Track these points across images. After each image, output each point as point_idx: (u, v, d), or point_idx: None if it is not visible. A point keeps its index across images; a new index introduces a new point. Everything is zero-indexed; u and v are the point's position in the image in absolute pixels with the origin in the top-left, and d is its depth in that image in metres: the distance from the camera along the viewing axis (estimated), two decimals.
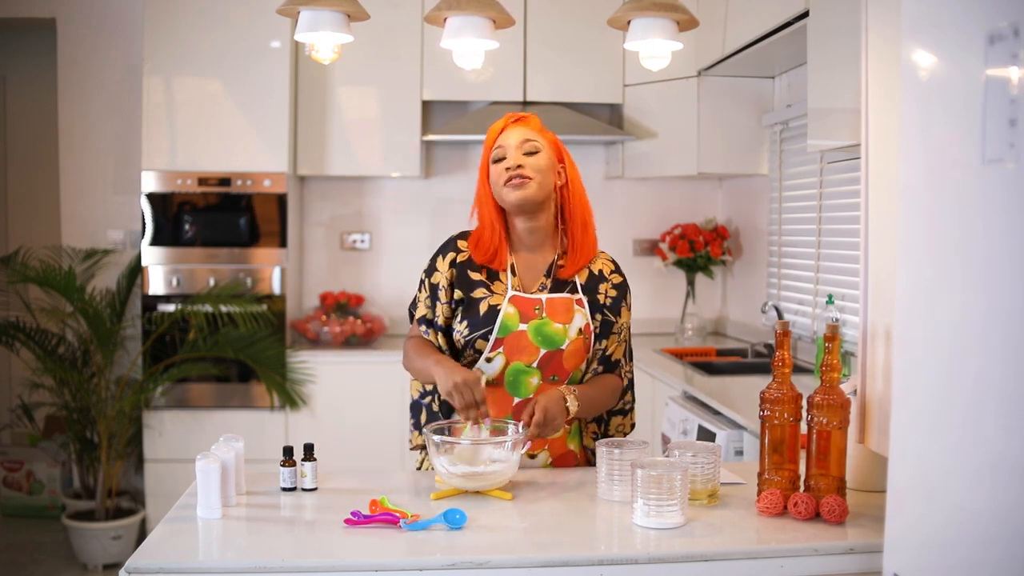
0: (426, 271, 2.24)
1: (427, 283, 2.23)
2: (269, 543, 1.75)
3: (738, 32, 3.77)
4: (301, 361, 4.41)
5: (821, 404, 1.83)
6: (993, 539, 1.24)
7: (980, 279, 1.26)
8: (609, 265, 2.28)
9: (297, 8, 2.19)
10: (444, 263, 2.21)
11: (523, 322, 2.15)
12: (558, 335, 2.15)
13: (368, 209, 5.00)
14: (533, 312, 2.16)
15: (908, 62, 1.41)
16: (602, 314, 2.21)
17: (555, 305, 2.18)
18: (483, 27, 2.22)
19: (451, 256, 2.21)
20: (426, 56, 4.56)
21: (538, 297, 2.18)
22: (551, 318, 2.16)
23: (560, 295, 2.19)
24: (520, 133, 2.18)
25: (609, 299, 2.22)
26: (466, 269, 2.20)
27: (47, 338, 4.37)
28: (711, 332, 5.07)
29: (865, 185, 1.80)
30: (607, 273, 2.26)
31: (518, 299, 2.17)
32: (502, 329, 2.14)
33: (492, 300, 2.16)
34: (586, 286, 2.21)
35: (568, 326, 2.16)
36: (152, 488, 4.39)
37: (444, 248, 2.24)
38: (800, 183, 4.13)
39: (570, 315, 2.17)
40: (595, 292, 2.22)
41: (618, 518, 1.87)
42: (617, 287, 2.25)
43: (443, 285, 2.19)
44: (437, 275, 2.21)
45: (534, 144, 2.17)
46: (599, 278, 2.24)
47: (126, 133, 4.76)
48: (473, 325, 2.16)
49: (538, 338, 2.15)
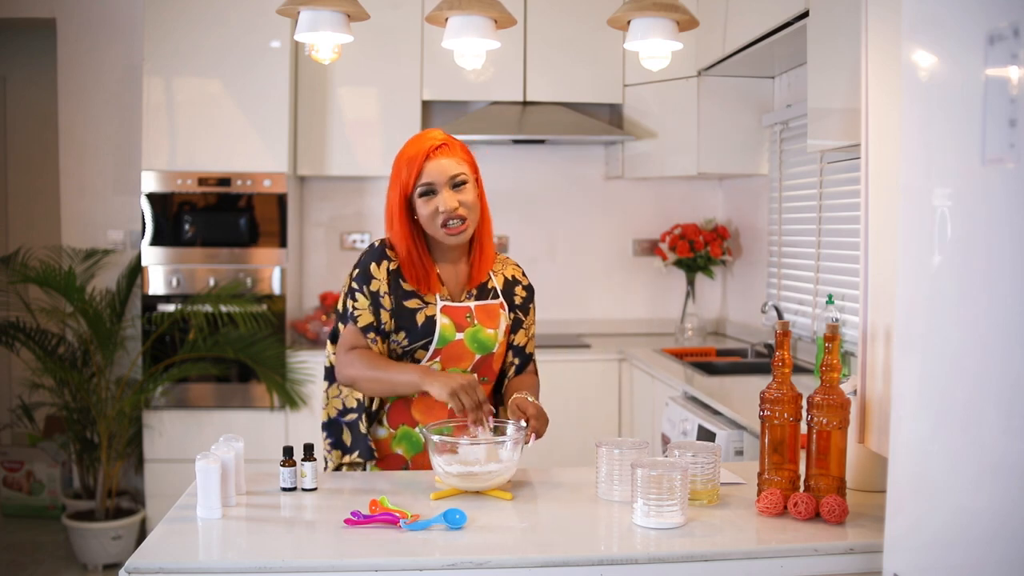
0: (359, 279, 2.19)
1: (365, 291, 2.18)
2: (269, 543, 1.75)
3: (738, 32, 3.76)
4: (301, 361, 4.41)
5: (821, 404, 1.83)
6: (993, 539, 1.24)
7: (980, 279, 1.26)
8: (518, 270, 2.38)
9: (297, 8, 2.18)
10: (381, 271, 2.18)
11: (459, 331, 2.20)
12: (490, 340, 2.23)
13: (368, 209, 5.00)
14: (465, 320, 2.22)
15: (908, 62, 1.41)
16: (515, 312, 2.31)
17: (485, 311, 2.25)
18: (485, 27, 2.22)
19: (385, 264, 2.19)
20: (426, 56, 4.56)
21: (467, 305, 2.23)
22: (483, 324, 2.23)
23: (487, 301, 2.26)
24: (447, 166, 2.14)
25: (521, 299, 2.34)
26: (398, 278, 2.20)
27: (47, 338, 4.37)
28: (711, 332, 5.07)
29: (865, 185, 1.80)
30: (519, 276, 2.37)
31: (449, 309, 2.21)
32: (440, 340, 2.18)
33: (428, 311, 2.19)
34: (504, 290, 2.31)
35: (497, 330, 2.25)
36: (152, 488, 4.39)
37: (375, 256, 2.20)
38: (800, 183, 4.12)
39: (496, 319, 2.26)
40: (512, 296, 2.32)
41: (618, 518, 1.87)
42: (527, 289, 2.36)
43: (383, 291, 2.18)
44: (376, 282, 2.18)
45: (462, 175, 2.16)
46: (513, 282, 2.34)
47: (126, 133, 4.76)
48: (412, 336, 2.18)
49: (474, 345, 2.21)
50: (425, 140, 2.17)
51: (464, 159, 2.18)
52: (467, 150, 2.21)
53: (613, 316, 5.11)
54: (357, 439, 2.22)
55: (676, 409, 3.45)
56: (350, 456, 2.22)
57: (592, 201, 5.08)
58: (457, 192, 2.15)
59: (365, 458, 2.21)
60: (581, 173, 5.07)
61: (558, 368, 4.15)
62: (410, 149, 2.17)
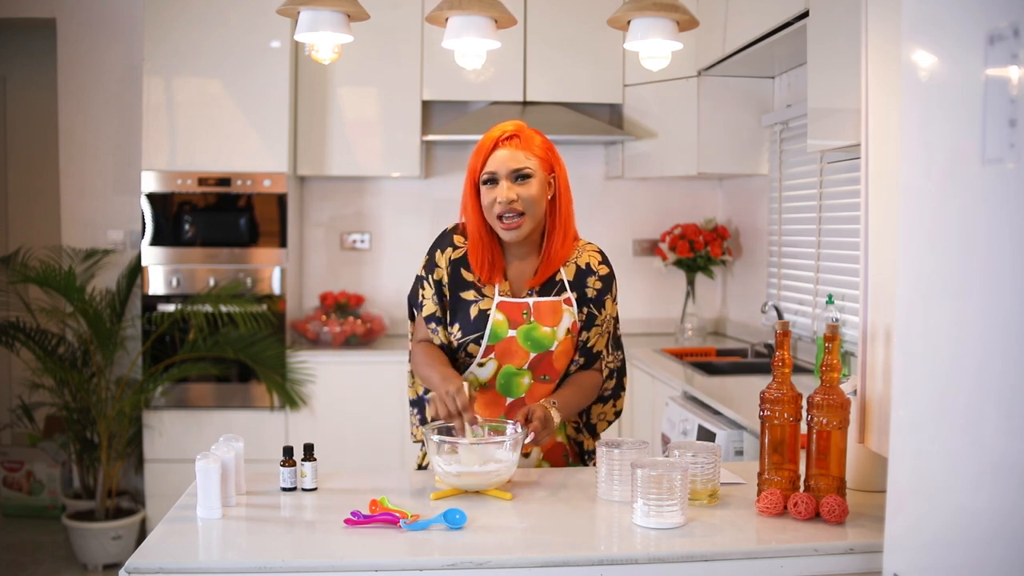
0: (426, 267, 2.22)
1: (430, 279, 2.20)
2: (269, 543, 1.75)
3: (738, 32, 3.76)
4: (301, 361, 4.41)
5: (821, 404, 1.83)
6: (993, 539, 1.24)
7: (980, 279, 1.26)
8: (596, 256, 2.26)
9: (297, 8, 2.18)
10: (443, 258, 2.20)
11: (512, 328, 2.16)
12: (546, 338, 2.17)
13: (368, 209, 5.00)
14: (521, 317, 2.16)
15: (908, 62, 1.41)
16: (588, 307, 2.22)
17: (542, 309, 2.18)
18: (485, 27, 2.22)
19: (449, 252, 2.20)
20: (426, 56, 4.56)
21: (525, 301, 2.18)
22: (539, 322, 2.17)
23: (548, 298, 2.19)
24: (511, 156, 2.12)
25: (595, 291, 2.22)
26: (460, 267, 2.19)
27: (47, 338, 4.37)
28: (711, 332, 5.07)
29: (865, 185, 1.80)
30: (595, 265, 2.25)
31: (505, 304, 2.17)
32: (492, 336, 2.15)
33: (482, 304, 2.17)
34: (574, 282, 2.21)
35: (556, 328, 2.17)
36: (152, 488, 4.39)
37: (441, 243, 2.23)
38: (800, 183, 4.12)
39: (558, 316, 2.18)
40: (583, 287, 2.22)
41: (618, 518, 1.87)
42: (603, 279, 2.24)
43: (445, 280, 2.19)
44: (439, 271, 2.20)
45: (526, 169, 2.12)
46: (586, 271, 2.23)
47: (126, 133, 4.76)
48: (464, 329, 2.17)
49: (528, 343, 2.16)
50: (497, 129, 2.15)
51: (535, 154, 2.14)
52: (546, 146, 2.17)
53: None
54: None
55: (676, 409, 3.45)
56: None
57: (592, 201, 5.08)
58: (519, 185, 2.11)
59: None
60: (581, 173, 5.07)
61: None
62: (485, 136, 2.16)
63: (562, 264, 2.21)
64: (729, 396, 3.32)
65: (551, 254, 2.19)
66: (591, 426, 2.33)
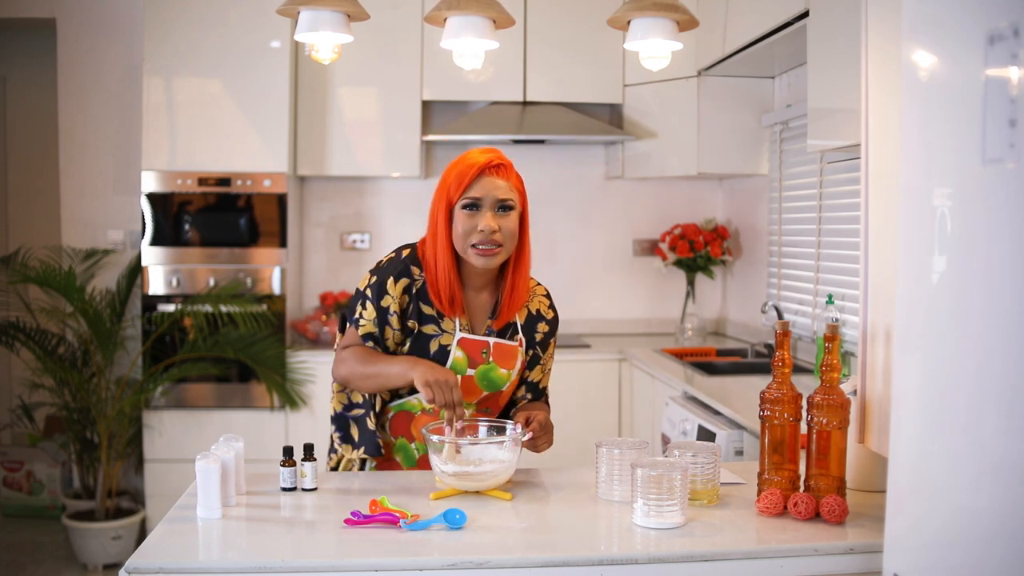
0: (372, 289, 2.13)
1: (374, 303, 2.13)
2: (269, 543, 1.75)
3: (738, 32, 3.76)
4: (301, 361, 4.41)
5: (821, 404, 1.83)
6: (993, 539, 1.24)
7: (980, 279, 1.26)
8: (545, 302, 2.30)
9: (297, 8, 2.18)
10: (397, 289, 2.12)
11: (471, 367, 2.15)
12: (501, 379, 2.19)
13: (368, 209, 5.00)
14: (480, 356, 2.16)
15: (908, 62, 1.41)
16: (534, 349, 2.26)
17: (502, 351, 2.19)
18: (483, 27, 2.22)
19: (404, 282, 2.13)
20: (426, 56, 4.56)
21: (486, 340, 2.18)
22: (497, 363, 2.17)
23: (506, 341, 2.20)
24: (499, 186, 2.08)
25: (542, 335, 2.28)
26: (419, 301, 2.13)
27: (47, 338, 4.37)
28: (711, 332, 5.07)
29: (865, 185, 1.80)
30: (543, 310, 2.29)
31: (466, 342, 2.15)
32: None
33: (442, 340, 2.14)
34: (525, 326, 2.25)
35: (511, 371, 2.20)
36: (152, 488, 4.39)
37: (396, 270, 2.14)
38: (800, 183, 4.12)
39: (514, 360, 2.20)
40: (533, 332, 2.26)
41: (618, 518, 1.87)
42: (550, 323, 2.29)
43: (394, 310, 2.12)
44: (388, 299, 2.12)
45: (510, 201, 2.09)
46: (537, 318, 2.27)
47: (126, 133, 4.76)
48: None
49: (484, 383, 2.17)
50: (484, 155, 2.09)
51: (516, 187, 2.11)
52: (521, 181, 2.14)
53: (613, 316, 5.11)
54: (364, 434, 2.19)
55: (676, 409, 3.45)
56: (357, 452, 2.20)
57: (592, 201, 5.08)
58: (501, 216, 2.08)
59: (371, 453, 2.17)
60: (581, 173, 5.07)
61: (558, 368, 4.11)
62: (466, 159, 2.10)
63: (521, 306, 2.21)
64: (729, 396, 3.32)
65: (516, 294, 2.17)
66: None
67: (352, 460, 2.22)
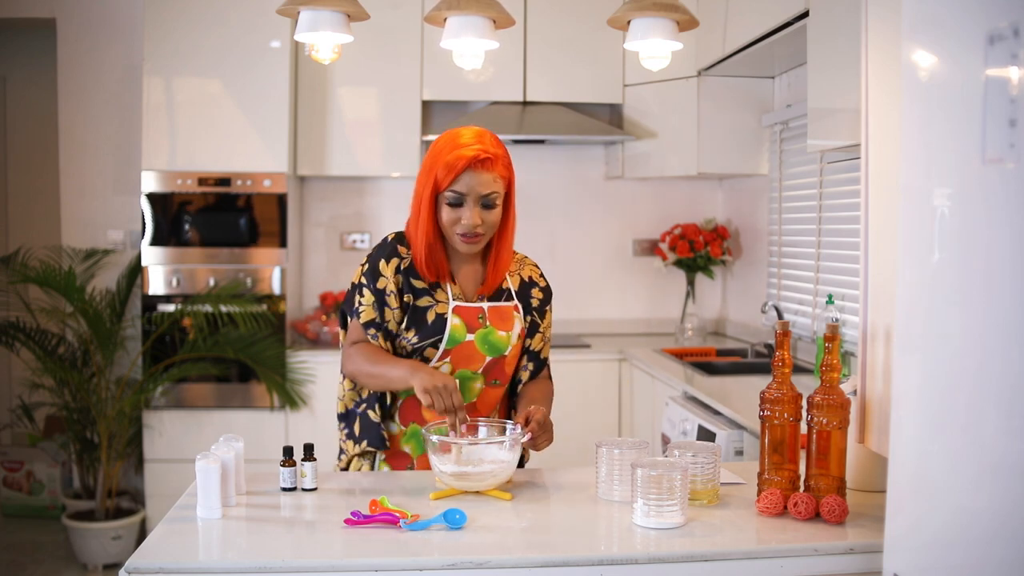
0: (366, 275, 2.19)
1: (371, 287, 2.18)
2: (269, 543, 1.75)
3: (738, 32, 3.77)
4: (301, 361, 4.41)
5: (821, 404, 1.83)
6: (993, 539, 1.24)
7: (980, 279, 1.26)
8: (536, 271, 2.36)
9: (297, 8, 2.18)
10: (389, 268, 2.17)
11: (469, 332, 2.19)
12: (502, 343, 2.21)
13: (368, 209, 5.00)
14: (477, 321, 2.20)
15: (908, 62, 1.41)
16: (531, 315, 2.30)
17: (498, 313, 2.23)
18: (483, 27, 2.22)
19: (395, 262, 2.18)
20: (426, 56, 4.56)
21: (480, 305, 2.21)
22: (495, 326, 2.21)
23: (501, 303, 2.24)
24: (483, 182, 2.10)
25: (538, 301, 2.32)
26: (410, 276, 2.19)
27: (47, 338, 4.37)
28: (711, 332, 5.07)
29: (865, 185, 1.80)
30: (535, 278, 2.34)
31: (461, 309, 2.19)
32: (450, 340, 2.17)
33: (438, 309, 2.18)
34: (519, 292, 2.28)
35: (510, 333, 2.22)
36: (152, 488, 4.39)
37: (384, 252, 2.20)
38: (800, 183, 4.12)
39: (511, 322, 2.24)
40: (528, 297, 2.30)
41: (618, 518, 1.87)
42: (543, 291, 2.34)
43: (391, 290, 2.17)
44: (383, 280, 2.17)
45: (494, 195, 2.12)
46: (529, 284, 2.32)
47: (126, 133, 4.76)
48: (421, 334, 2.17)
49: (484, 347, 2.19)
50: (471, 148, 2.09)
51: (502, 175, 2.13)
52: (508, 163, 2.16)
53: (613, 316, 5.11)
54: (367, 428, 2.21)
55: (676, 409, 3.45)
56: (360, 446, 2.21)
57: (592, 201, 5.08)
58: (484, 211, 2.13)
59: (376, 446, 2.19)
60: (581, 173, 5.07)
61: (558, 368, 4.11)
62: (454, 150, 2.10)
63: (507, 272, 2.27)
64: (729, 396, 3.32)
65: (500, 262, 2.23)
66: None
67: (361, 460, 2.24)
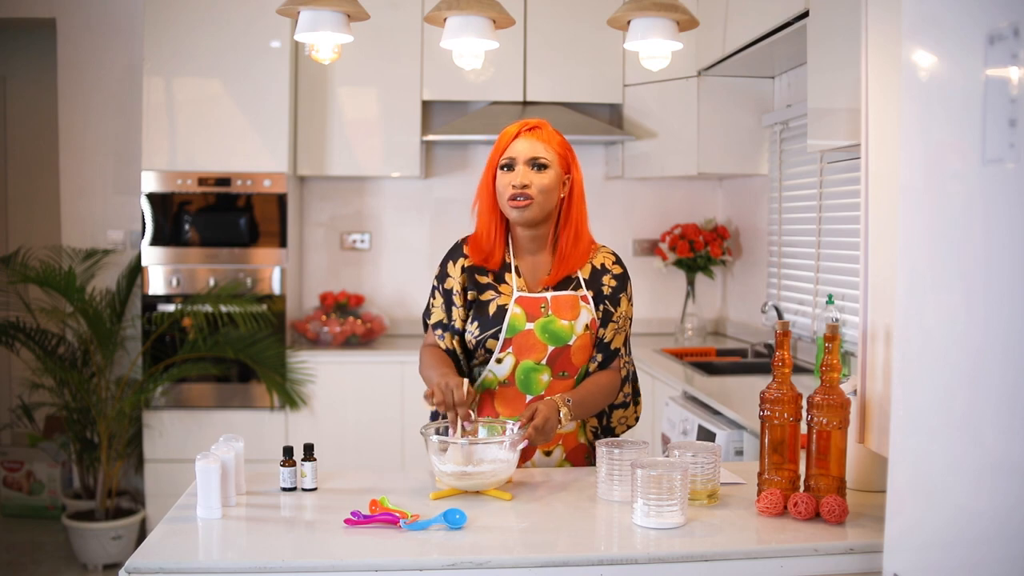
0: (438, 277, 2.29)
1: (440, 289, 2.27)
2: (269, 543, 1.75)
3: (738, 32, 3.77)
4: (301, 361, 4.41)
5: (821, 404, 1.83)
6: (993, 539, 1.24)
7: (980, 279, 1.26)
8: (610, 257, 2.33)
9: (297, 8, 2.19)
10: (456, 268, 2.26)
11: (530, 321, 2.20)
12: (564, 332, 2.20)
13: (368, 209, 5.00)
14: (539, 311, 2.21)
15: (908, 62, 1.41)
16: (604, 304, 2.27)
17: (560, 302, 2.22)
18: (483, 27, 2.22)
19: (461, 261, 2.26)
20: (426, 56, 4.56)
21: (543, 296, 2.23)
22: (556, 315, 2.21)
23: (565, 292, 2.24)
24: (531, 146, 2.20)
25: (610, 288, 2.28)
26: (474, 273, 2.25)
27: (47, 338, 4.37)
28: (711, 332, 5.07)
29: (865, 185, 1.80)
30: (608, 264, 2.31)
31: (524, 299, 2.22)
32: (509, 329, 2.19)
33: (500, 300, 2.22)
34: (589, 280, 2.27)
35: (574, 322, 2.21)
36: (152, 488, 4.39)
37: (453, 254, 2.29)
38: (800, 183, 4.12)
39: (576, 311, 2.22)
40: (599, 284, 2.27)
41: (618, 518, 1.87)
42: (617, 278, 2.30)
43: (456, 289, 2.24)
44: (450, 280, 2.26)
45: (544, 159, 2.19)
46: (601, 271, 2.29)
47: (126, 133, 4.76)
48: (483, 326, 2.21)
49: (545, 335, 2.20)
50: (522, 122, 2.25)
51: (554, 150, 2.21)
52: (565, 146, 2.25)
53: None
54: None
55: (676, 409, 3.45)
56: None
57: (592, 201, 5.00)
58: (535, 172, 2.18)
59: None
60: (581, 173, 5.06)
61: None
62: (508, 127, 2.25)
63: (578, 268, 2.27)
64: (729, 396, 3.32)
65: (564, 254, 2.24)
66: (610, 430, 2.35)
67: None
